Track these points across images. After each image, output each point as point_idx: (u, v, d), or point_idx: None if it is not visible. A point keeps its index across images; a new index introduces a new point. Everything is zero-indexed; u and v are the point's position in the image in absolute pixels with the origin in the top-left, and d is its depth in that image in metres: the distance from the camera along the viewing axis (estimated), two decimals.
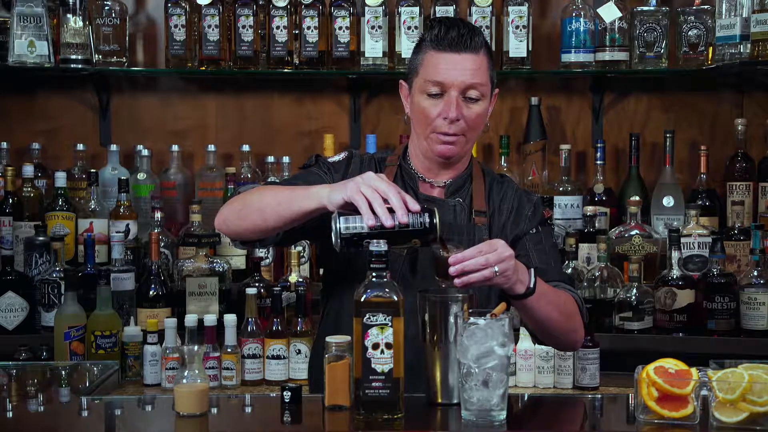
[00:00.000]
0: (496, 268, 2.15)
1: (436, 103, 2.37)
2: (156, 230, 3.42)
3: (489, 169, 2.59)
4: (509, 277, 2.19)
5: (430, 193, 2.47)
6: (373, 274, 1.99)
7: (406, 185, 2.46)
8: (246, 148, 3.76)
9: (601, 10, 3.63)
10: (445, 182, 2.47)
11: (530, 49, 3.68)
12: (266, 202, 2.30)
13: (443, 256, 2.16)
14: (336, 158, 2.51)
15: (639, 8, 3.67)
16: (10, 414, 2.20)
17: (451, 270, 2.13)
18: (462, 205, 2.44)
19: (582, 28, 3.67)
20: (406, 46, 3.63)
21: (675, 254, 3.37)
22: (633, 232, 3.54)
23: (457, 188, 2.47)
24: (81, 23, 3.60)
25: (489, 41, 3.61)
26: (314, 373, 2.52)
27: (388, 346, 1.97)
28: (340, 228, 2.12)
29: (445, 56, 2.35)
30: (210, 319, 3.05)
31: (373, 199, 2.13)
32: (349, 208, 2.16)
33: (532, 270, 2.27)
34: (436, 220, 2.14)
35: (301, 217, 2.26)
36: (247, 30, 3.64)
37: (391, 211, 2.12)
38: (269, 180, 3.68)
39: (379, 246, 2.00)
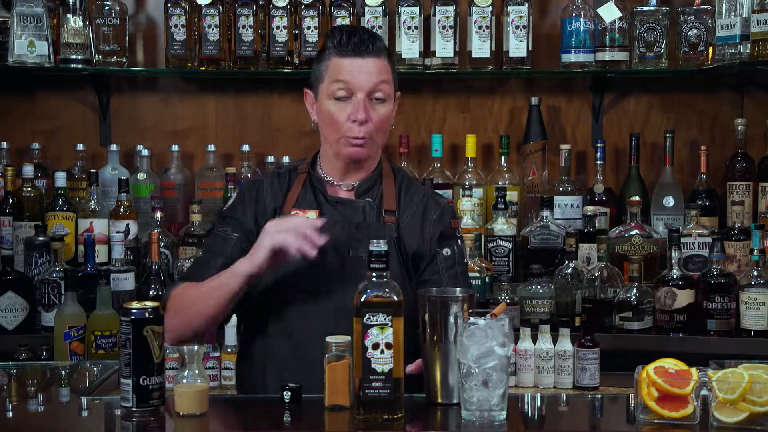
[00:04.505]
0: None
1: (344, 106, 2.43)
2: (156, 230, 3.42)
3: (400, 168, 2.67)
4: None
5: (340, 195, 2.51)
6: (373, 274, 1.99)
7: (315, 190, 2.51)
8: (246, 148, 3.76)
9: (601, 10, 3.63)
10: (353, 184, 2.51)
11: (530, 49, 3.68)
12: (201, 306, 2.41)
13: None
14: (230, 201, 2.60)
15: (639, 8, 3.67)
16: (10, 414, 2.20)
17: None
18: (371, 204, 2.49)
19: (582, 28, 3.67)
20: (406, 46, 3.63)
21: (675, 254, 3.37)
22: (633, 232, 3.54)
23: (367, 189, 2.51)
24: (81, 23, 3.60)
25: (489, 41, 3.64)
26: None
27: (388, 346, 1.97)
28: None
29: (350, 61, 2.42)
30: None
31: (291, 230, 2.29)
32: (277, 258, 2.31)
33: None
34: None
35: (238, 294, 2.37)
36: (247, 30, 3.64)
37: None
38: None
39: (378, 246, 2.00)
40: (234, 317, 3.12)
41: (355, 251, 2.41)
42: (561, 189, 3.70)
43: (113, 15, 3.67)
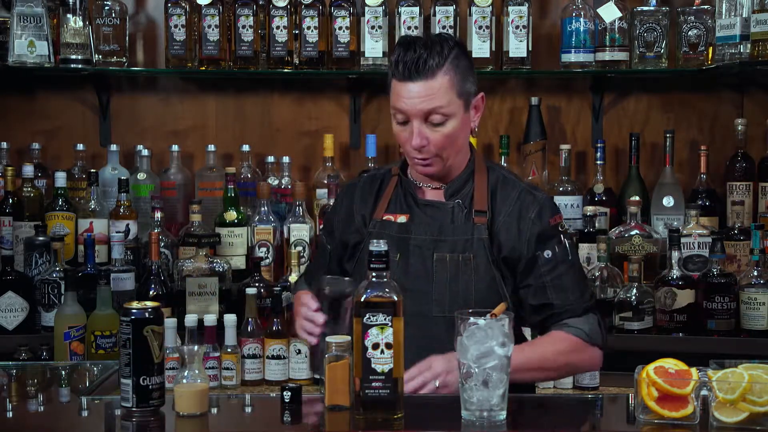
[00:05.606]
0: (437, 383, 2.24)
1: (405, 129, 2.40)
2: (156, 230, 3.42)
3: (496, 165, 2.59)
4: (454, 390, 2.15)
5: (428, 197, 2.49)
6: (373, 274, 1.99)
7: (407, 193, 2.50)
8: (246, 148, 3.77)
9: (601, 10, 3.63)
10: (443, 186, 2.48)
11: (530, 49, 3.68)
12: None
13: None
14: (332, 204, 2.71)
15: (639, 8, 3.67)
16: (10, 414, 2.20)
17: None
18: (461, 206, 2.45)
19: (582, 28, 3.67)
20: None
21: (675, 254, 3.37)
22: (633, 232, 3.54)
23: (457, 189, 2.48)
24: (81, 23, 3.60)
25: (489, 41, 3.63)
26: None
27: (388, 346, 1.97)
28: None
29: (403, 86, 2.36)
30: (210, 319, 3.05)
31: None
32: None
33: None
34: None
35: None
36: (247, 30, 3.64)
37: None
38: (269, 180, 3.69)
39: (379, 246, 2.00)
40: (234, 317, 3.16)
41: (439, 254, 2.41)
42: (561, 189, 3.70)
43: (113, 15, 3.67)
